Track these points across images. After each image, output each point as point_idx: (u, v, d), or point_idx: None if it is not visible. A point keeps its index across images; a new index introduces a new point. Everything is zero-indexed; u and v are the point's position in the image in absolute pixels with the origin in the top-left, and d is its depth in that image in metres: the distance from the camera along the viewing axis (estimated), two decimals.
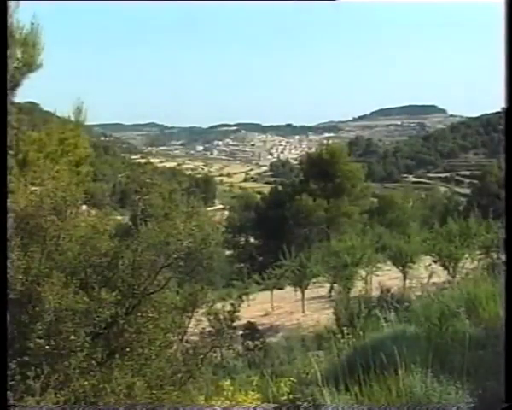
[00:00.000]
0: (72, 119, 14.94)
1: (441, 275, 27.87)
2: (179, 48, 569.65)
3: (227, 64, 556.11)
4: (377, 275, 31.46)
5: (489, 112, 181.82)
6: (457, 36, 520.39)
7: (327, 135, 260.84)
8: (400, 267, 31.44)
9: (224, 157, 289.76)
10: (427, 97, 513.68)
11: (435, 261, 29.99)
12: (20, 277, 7.08)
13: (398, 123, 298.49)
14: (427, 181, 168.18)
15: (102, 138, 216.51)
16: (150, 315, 7.90)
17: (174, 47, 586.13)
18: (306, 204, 55.98)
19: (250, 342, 23.26)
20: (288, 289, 35.57)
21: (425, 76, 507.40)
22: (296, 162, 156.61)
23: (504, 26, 4.28)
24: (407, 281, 29.75)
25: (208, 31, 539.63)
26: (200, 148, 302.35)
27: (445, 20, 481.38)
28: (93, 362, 7.17)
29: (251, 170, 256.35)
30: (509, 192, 4.31)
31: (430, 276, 27.25)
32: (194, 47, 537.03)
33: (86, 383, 6.90)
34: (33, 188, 8.72)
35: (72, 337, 6.92)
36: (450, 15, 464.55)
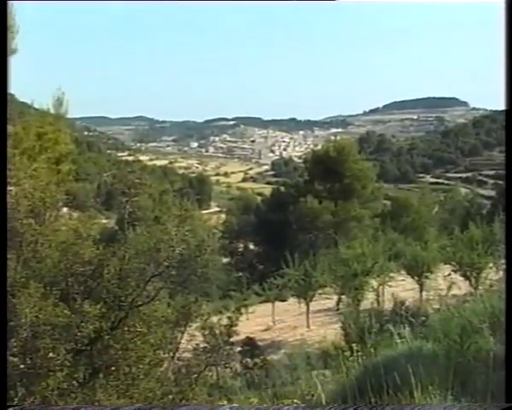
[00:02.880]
0: (52, 111, 14.92)
1: (462, 286, 27.87)
2: (172, 37, 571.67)
3: (224, 53, 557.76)
4: (390, 286, 31.43)
5: None
6: (478, 25, 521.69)
7: (334, 130, 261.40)
8: (416, 277, 31.42)
9: (220, 155, 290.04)
10: (447, 89, 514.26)
11: (455, 271, 29.96)
12: None
13: (414, 117, 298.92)
14: (447, 182, 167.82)
15: (86, 133, 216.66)
16: (138, 330, 7.88)
17: (166, 36, 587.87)
18: (312, 207, 55.93)
19: (249, 360, 23.24)
20: (292, 301, 35.55)
21: (444, 65, 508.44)
22: (300, 161, 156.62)
23: (504, 26, 4.44)
24: (424, 293, 29.74)
25: (205, 20, 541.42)
26: (195, 144, 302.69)
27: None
28: (74, 382, 7.15)
29: (250, 169, 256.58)
30: (509, 194, 4.37)
31: (449, 287, 27.26)
32: (189, 36, 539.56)
33: (66, 406, 6.88)
34: (8, 188, 8.71)
35: (51, 355, 6.90)
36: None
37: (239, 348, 23.69)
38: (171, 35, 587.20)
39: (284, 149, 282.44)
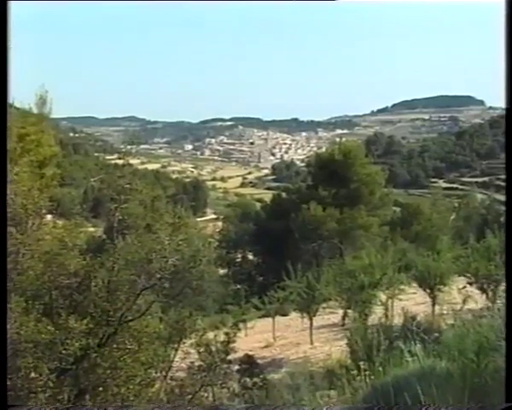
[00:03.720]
0: (35, 111, 14.88)
1: (478, 300, 27.80)
2: (165, 33, 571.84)
3: (221, 50, 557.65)
4: (400, 299, 31.37)
5: None
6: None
7: (340, 132, 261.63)
8: (428, 290, 31.32)
9: (217, 158, 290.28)
10: (461, 86, 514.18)
11: (471, 283, 29.88)
12: None
13: (426, 117, 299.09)
14: (461, 187, 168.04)
15: (71, 134, 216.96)
16: (128, 347, 7.86)
17: (159, 32, 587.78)
18: (315, 214, 55.91)
19: (248, 379, 23.17)
20: (294, 315, 35.50)
21: (458, 61, 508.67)
22: (303, 164, 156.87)
23: (504, 26, 4.74)
24: (436, 307, 29.67)
25: (200, 17, 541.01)
26: (189, 146, 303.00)
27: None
28: (58, 405, 7.12)
29: (249, 173, 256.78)
30: (509, 196, 4.44)
31: (465, 301, 27.20)
32: (183, 32, 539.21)
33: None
34: None
35: (33, 375, 6.87)
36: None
37: (237, 367, 23.63)
38: (165, 31, 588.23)
39: (285, 152, 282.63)
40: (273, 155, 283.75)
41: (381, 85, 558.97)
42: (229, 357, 21.06)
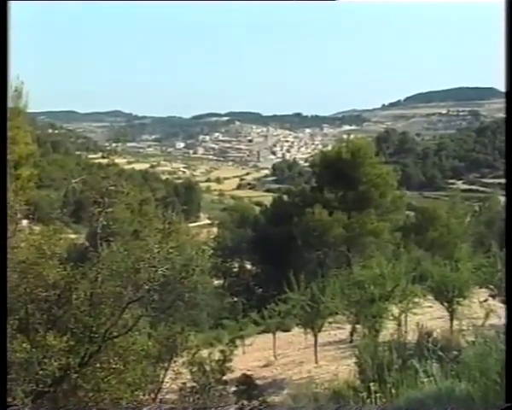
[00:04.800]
0: (9, 104, 14.82)
1: (502, 314, 27.74)
2: (154, 22, 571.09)
3: (217, 40, 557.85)
4: (414, 313, 31.35)
5: None
6: None
7: (348, 128, 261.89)
8: (445, 303, 31.28)
9: (212, 157, 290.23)
10: (483, 77, 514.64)
11: (493, 296, 29.84)
12: None
13: (443, 111, 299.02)
14: (482, 188, 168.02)
15: (50, 131, 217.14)
16: (113, 366, 7.83)
17: (147, 21, 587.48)
18: (320, 219, 55.83)
19: (246, 402, 23.13)
20: (296, 331, 35.48)
21: (479, 49, 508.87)
22: (307, 164, 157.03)
23: (504, 24, 5.16)
24: (455, 322, 29.65)
25: (198, 11, 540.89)
26: (181, 144, 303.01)
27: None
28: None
29: (247, 174, 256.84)
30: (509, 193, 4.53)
31: (487, 315, 27.17)
32: (175, 22, 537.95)
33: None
34: None
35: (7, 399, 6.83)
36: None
37: (234, 388, 23.62)
38: (154, 23, 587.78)
39: (287, 151, 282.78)
40: (274, 153, 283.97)
41: (393, 77, 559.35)
42: (225, 377, 21.09)
